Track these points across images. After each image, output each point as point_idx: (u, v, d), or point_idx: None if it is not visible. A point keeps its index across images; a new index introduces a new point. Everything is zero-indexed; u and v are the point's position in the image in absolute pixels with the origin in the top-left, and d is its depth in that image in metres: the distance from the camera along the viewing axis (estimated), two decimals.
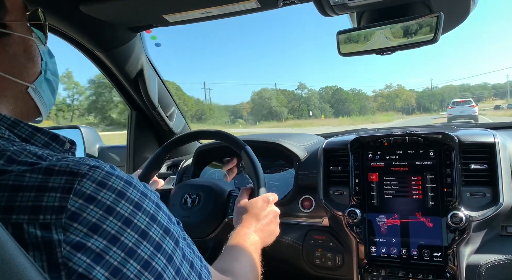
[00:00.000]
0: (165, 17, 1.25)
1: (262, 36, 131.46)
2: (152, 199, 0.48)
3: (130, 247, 0.42)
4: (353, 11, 1.13)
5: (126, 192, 0.45)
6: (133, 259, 0.42)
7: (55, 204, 0.40)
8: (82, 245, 0.40)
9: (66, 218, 0.40)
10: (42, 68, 0.60)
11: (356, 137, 1.26)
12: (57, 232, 0.39)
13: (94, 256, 0.40)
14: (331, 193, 1.28)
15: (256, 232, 0.90)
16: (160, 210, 0.49)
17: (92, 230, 0.41)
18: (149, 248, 0.44)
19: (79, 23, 1.27)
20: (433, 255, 1.10)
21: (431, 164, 1.15)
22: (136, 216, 0.44)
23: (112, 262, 0.41)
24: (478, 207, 1.09)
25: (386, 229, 1.16)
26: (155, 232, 0.46)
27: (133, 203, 0.45)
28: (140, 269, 0.43)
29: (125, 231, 0.43)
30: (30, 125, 0.53)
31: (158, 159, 1.19)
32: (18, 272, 0.35)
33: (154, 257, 0.44)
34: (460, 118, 22.31)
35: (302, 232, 1.32)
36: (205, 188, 1.13)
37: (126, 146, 1.85)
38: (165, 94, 1.77)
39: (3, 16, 0.54)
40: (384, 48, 1.11)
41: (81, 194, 0.41)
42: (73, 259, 0.39)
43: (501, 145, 1.13)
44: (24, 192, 0.40)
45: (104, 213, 0.42)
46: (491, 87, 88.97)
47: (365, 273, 1.16)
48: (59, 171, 0.42)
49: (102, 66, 1.53)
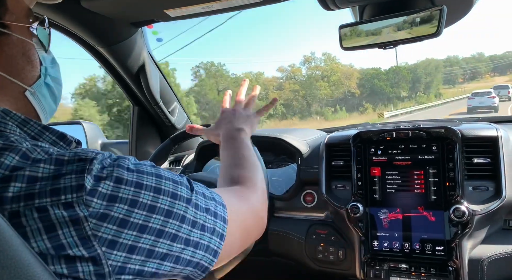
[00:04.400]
0: (166, 12, 1.24)
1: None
2: (146, 164, 0.52)
3: (149, 205, 0.47)
4: (355, 4, 1.12)
5: (124, 164, 0.49)
6: (156, 213, 0.48)
7: (73, 183, 0.43)
8: (106, 215, 0.44)
9: (87, 195, 0.43)
10: (42, 72, 0.60)
11: (358, 132, 1.26)
12: (81, 209, 0.42)
13: (119, 221, 0.44)
14: (334, 188, 1.29)
15: (239, 125, 0.92)
16: (158, 169, 0.53)
17: (111, 200, 0.45)
18: (167, 199, 0.50)
19: (81, 18, 1.27)
20: (435, 249, 1.10)
21: (434, 158, 1.15)
22: (143, 178, 0.49)
23: (138, 221, 0.46)
24: (481, 201, 1.08)
25: (388, 223, 1.16)
26: (166, 184, 0.51)
27: (135, 170, 0.49)
28: (164, 219, 0.48)
29: (140, 192, 0.47)
30: (40, 124, 0.54)
31: (165, 150, 1.20)
32: (23, 267, 0.35)
33: (174, 205, 0.50)
34: (480, 108, 22.39)
35: (304, 226, 1.32)
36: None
37: (128, 142, 1.86)
38: (167, 90, 1.77)
39: (2, 15, 0.54)
40: (386, 42, 1.10)
41: (93, 173, 0.45)
42: (101, 229, 0.43)
43: (504, 138, 1.12)
44: (41, 182, 0.43)
45: (115, 184, 0.46)
46: (489, 59, 67.51)
47: (367, 267, 1.17)
48: (69, 160, 0.45)
49: (104, 62, 1.53)
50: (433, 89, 50.74)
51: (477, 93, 24.58)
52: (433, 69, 52.94)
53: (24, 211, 0.41)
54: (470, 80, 61.79)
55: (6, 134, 0.48)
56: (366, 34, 1.11)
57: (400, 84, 47.62)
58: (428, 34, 1.03)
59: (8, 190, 0.41)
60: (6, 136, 0.47)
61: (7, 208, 0.41)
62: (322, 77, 48.20)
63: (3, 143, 0.45)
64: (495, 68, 65.33)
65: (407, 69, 51.47)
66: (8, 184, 0.41)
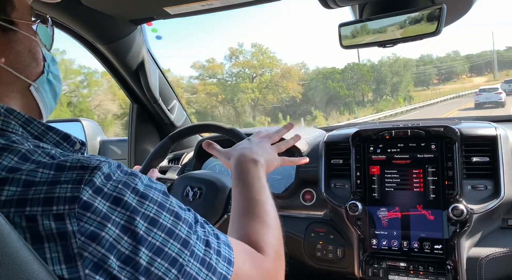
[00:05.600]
0: (166, 9, 1.24)
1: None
2: (158, 188, 0.49)
3: (141, 235, 0.43)
4: (355, 3, 1.12)
5: (131, 183, 0.46)
6: (145, 247, 0.43)
7: (67, 194, 0.40)
8: (96, 235, 0.40)
9: (79, 208, 0.40)
10: (45, 69, 0.61)
11: (358, 130, 1.26)
12: (71, 222, 0.40)
13: (108, 245, 0.41)
14: (332, 186, 1.29)
15: (254, 155, 0.80)
16: (168, 198, 0.49)
17: (105, 219, 0.41)
18: (160, 235, 0.45)
19: (80, 16, 1.27)
20: (434, 247, 1.10)
21: (433, 157, 1.15)
22: (143, 205, 0.45)
23: (124, 251, 0.42)
24: (479, 200, 1.09)
25: (387, 222, 1.16)
26: (165, 218, 0.46)
27: (139, 193, 0.46)
28: (152, 256, 0.43)
29: (135, 219, 0.43)
30: (43, 124, 0.54)
31: (164, 148, 1.19)
32: (21, 264, 0.35)
33: (166, 243, 0.45)
34: (486, 104, 23.12)
35: (303, 225, 1.32)
36: (207, 182, 1.13)
37: (128, 139, 1.85)
38: (166, 87, 1.77)
39: (10, 12, 0.55)
40: (386, 40, 1.10)
41: (92, 184, 0.42)
42: (88, 249, 0.40)
43: (503, 138, 1.12)
44: (37, 187, 0.41)
45: (111, 204, 0.43)
46: (466, 58, 59.22)
47: (366, 265, 1.17)
48: (70, 166, 0.43)
49: (103, 59, 1.53)
50: (402, 91, 40.91)
51: (484, 89, 25.24)
52: (401, 68, 42.81)
53: (13, 217, 0.39)
54: (445, 81, 54.90)
55: (8, 134, 0.48)
56: (366, 32, 1.11)
57: (359, 85, 37.09)
58: (428, 33, 1.03)
59: (2, 193, 0.40)
60: (8, 136, 0.47)
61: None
62: (250, 76, 35.88)
63: (3, 144, 0.45)
64: (472, 67, 58.91)
65: (368, 67, 40.47)
66: (3, 187, 0.40)
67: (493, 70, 52.47)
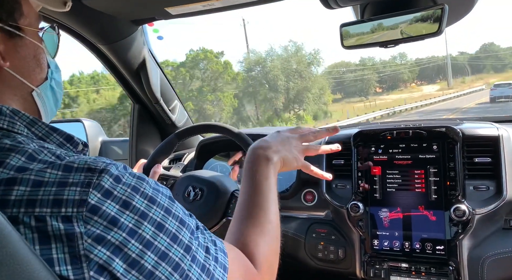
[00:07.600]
0: (167, 9, 1.24)
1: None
2: (164, 193, 0.50)
3: (147, 239, 0.44)
4: (357, 3, 1.11)
5: (140, 187, 0.47)
6: (151, 251, 0.44)
7: (76, 197, 0.42)
8: (102, 238, 0.42)
9: (87, 211, 0.42)
10: (48, 75, 0.63)
11: (359, 131, 1.25)
12: (79, 225, 0.41)
13: (114, 248, 0.42)
14: (334, 187, 1.29)
15: (269, 152, 0.77)
16: (173, 203, 0.50)
17: (112, 223, 0.43)
18: (165, 240, 0.46)
19: (81, 16, 1.27)
20: (435, 248, 1.10)
21: (435, 157, 1.14)
22: (151, 209, 0.46)
23: (131, 254, 0.43)
24: (482, 200, 1.08)
25: (388, 222, 1.16)
26: (171, 224, 0.48)
27: (147, 197, 0.47)
28: (158, 260, 0.45)
29: (142, 224, 0.45)
30: (47, 125, 0.55)
31: (170, 145, 1.20)
32: (22, 264, 0.35)
33: (171, 248, 0.46)
34: (501, 98, 24.61)
35: (304, 225, 1.32)
36: (209, 184, 1.13)
37: (129, 140, 1.85)
38: (167, 88, 1.77)
39: (18, 18, 0.56)
40: (387, 40, 1.10)
41: (100, 188, 0.43)
42: (94, 252, 0.41)
43: (505, 138, 1.12)
44: (46, 187, 0.42)
45: (120, 207, 0.44)
46: (415, 64, 51.01)
47: (367, 266, 1.17)
48: (78, 168, 0.44)
49: (104, 60, 1.53)
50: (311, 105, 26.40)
51: (499, 85, 27.13)
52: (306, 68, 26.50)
53: (23, 217, 0.40)
54: (390, 90, 45.37)
55: (13, 135, 0.49)
56: (367, 32, 1.11)
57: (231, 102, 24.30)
58: (429, 33, 1.02)
59: (12, 193, 0.41)
60: (14, 137, 0.48)
61: (8, 212, 0.40)
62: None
63: (10, 144, 0.46)
64: (421, 72, 51.10)
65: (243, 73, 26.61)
66: (12, 187, 0.41)
67: (446, 77, 44.85)
